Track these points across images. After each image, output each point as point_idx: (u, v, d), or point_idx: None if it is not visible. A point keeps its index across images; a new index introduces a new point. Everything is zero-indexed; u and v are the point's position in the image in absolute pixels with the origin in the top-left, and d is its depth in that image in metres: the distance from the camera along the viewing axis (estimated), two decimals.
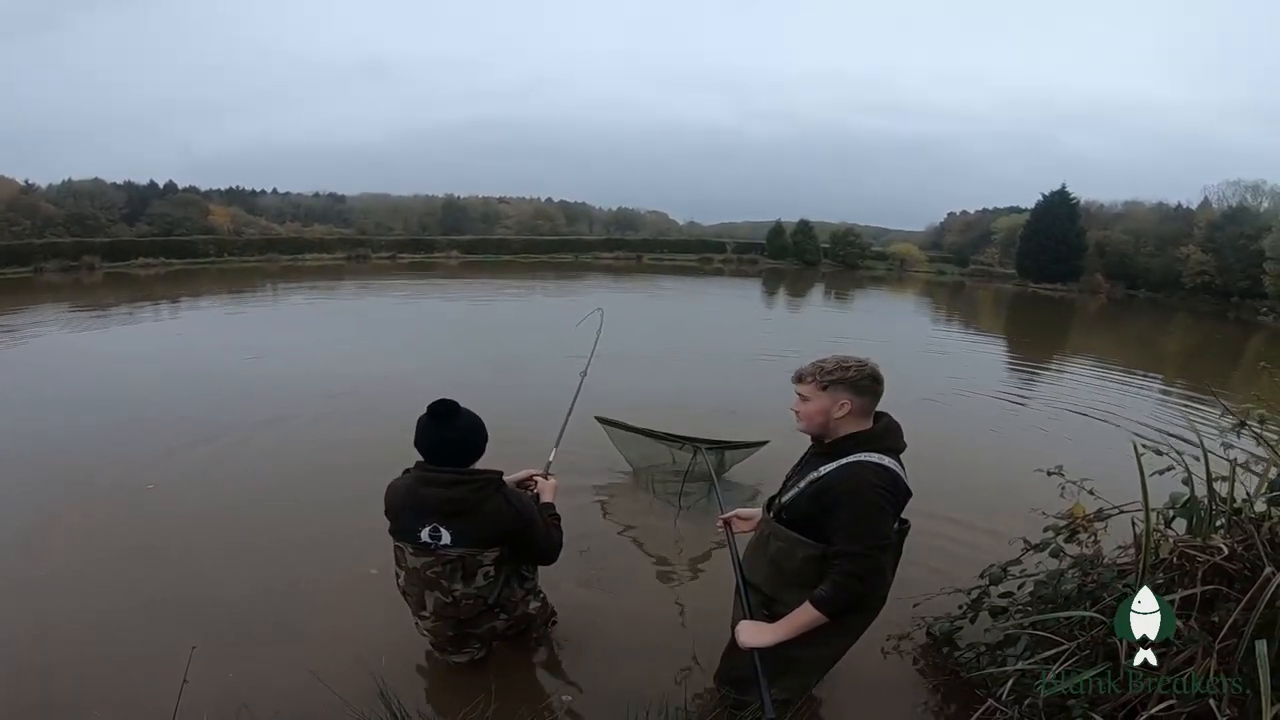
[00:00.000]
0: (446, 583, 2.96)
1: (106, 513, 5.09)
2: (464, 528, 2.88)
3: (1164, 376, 13.61)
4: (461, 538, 2.89)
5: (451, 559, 2.92)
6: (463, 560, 2.93)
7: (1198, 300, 37.99)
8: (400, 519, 2.96)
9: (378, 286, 25.41)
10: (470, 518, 2.88)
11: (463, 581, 2.96)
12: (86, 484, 5.58)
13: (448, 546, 2.89)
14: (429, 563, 2.93)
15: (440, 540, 2.88)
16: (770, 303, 27.62)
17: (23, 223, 35.28)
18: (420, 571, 2.96)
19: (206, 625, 3.65)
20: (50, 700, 3.15)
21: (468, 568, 2.95)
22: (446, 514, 2.86)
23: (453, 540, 2.88)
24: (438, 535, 2.88)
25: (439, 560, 2.92)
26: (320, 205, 57.12)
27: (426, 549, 2.91)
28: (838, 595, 2.44)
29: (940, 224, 62.28)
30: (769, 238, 50.03)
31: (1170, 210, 44.77)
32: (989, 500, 5.59)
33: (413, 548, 2.95)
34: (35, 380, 9.30)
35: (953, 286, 42.13)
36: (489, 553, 2.96)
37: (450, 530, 2.87)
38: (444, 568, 2.93)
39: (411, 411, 2.95)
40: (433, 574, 2.95)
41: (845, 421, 2.59)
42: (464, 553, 2.92)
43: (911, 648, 3.65)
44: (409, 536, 2.94)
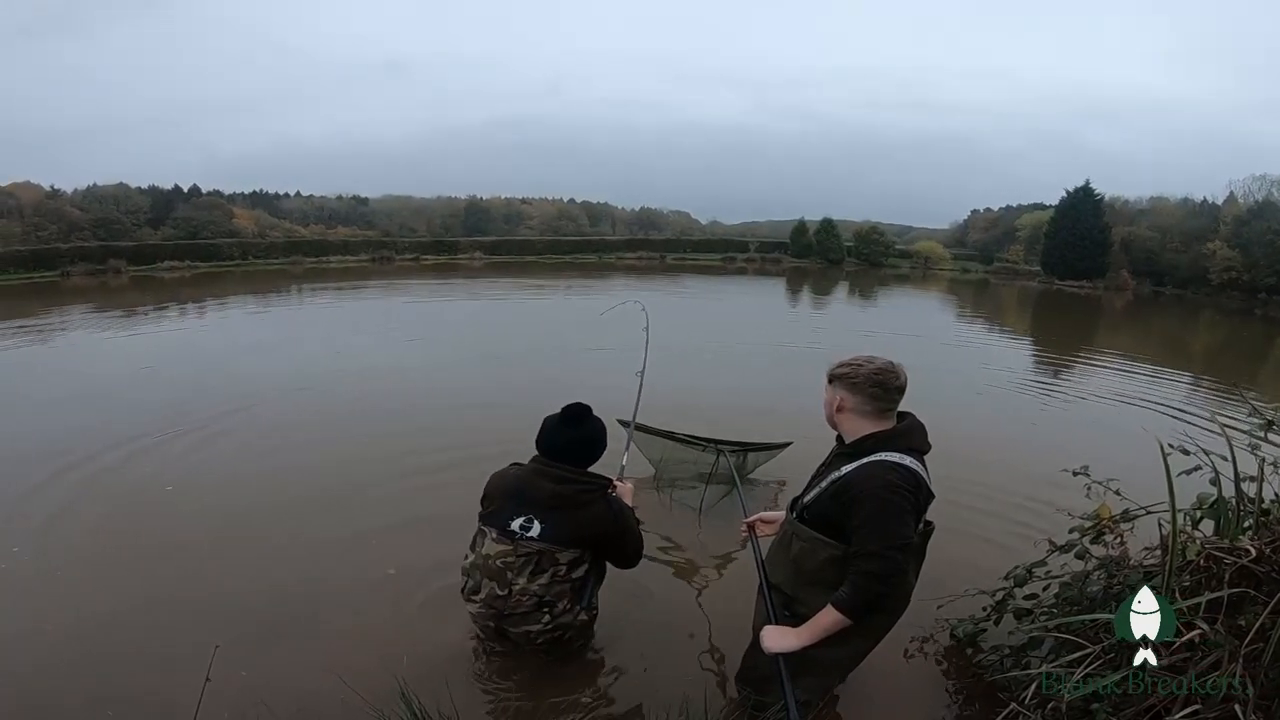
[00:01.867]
0: (512, 575, 3.02)
1: (125, 511, 5.15)
2: (559, 523, 3.00)
3: (1191, 374, 13.44)
4: (551, 532, 3.00)
5: (530, 552, 3.01)
6: (539, 555, 3.01)
7: (1225, 297, 37.46)
8: (498, 504, 3.09)
9: (419, 289, 25.55)
10: (569, 514, 3.01)
11: (529, 577, 3.03)
12: (106, 482, 5.65)
13: (533, 539, 2.99)
14: (504, 551, 3.02)
15: (529, 531, 2.99)
16: (794, 301, 27.51)
17: (49, 227, 35.71)
18: (491, 559, 3.05)
19: (226, 624, 3.67)
20: (70, 697, 3.18)
21: (541, 564, 3.03)
22: (549, 507, 3.00)
23: (541, 533, 2.99)
24: (529, 526, 2.99)
25: (517, 550, 3.01)
26: (344, 207, 57.47)
27: (510, 537, 3.01)
28: (858, 596, 2.44)
29: (964, 221, 61.85)
30: (792, 236, 49.75)
31: (1196, 206, 44.34)
32: (1014, 500, 5.56)
33: (497, 533, 3.05)
34: (55, 379, 9.40)
35: (977, 284, 41.83)
36: (568, 552, 3.05)
37: (544, 523, 2.99)
38: (518, 559, 3.01)
39: (429, 410, 2.96)
40: (502, 564, 3.02)
41: (849, 419, 2.64)
42: (545, 547, 3.00)
43: (935, 649, 3.65)
44: (499, 522, 3.05)
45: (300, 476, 5.94)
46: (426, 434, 6.75)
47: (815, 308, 25.60)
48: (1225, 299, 37.01)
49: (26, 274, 29.14)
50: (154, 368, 10.26)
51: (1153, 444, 2.89)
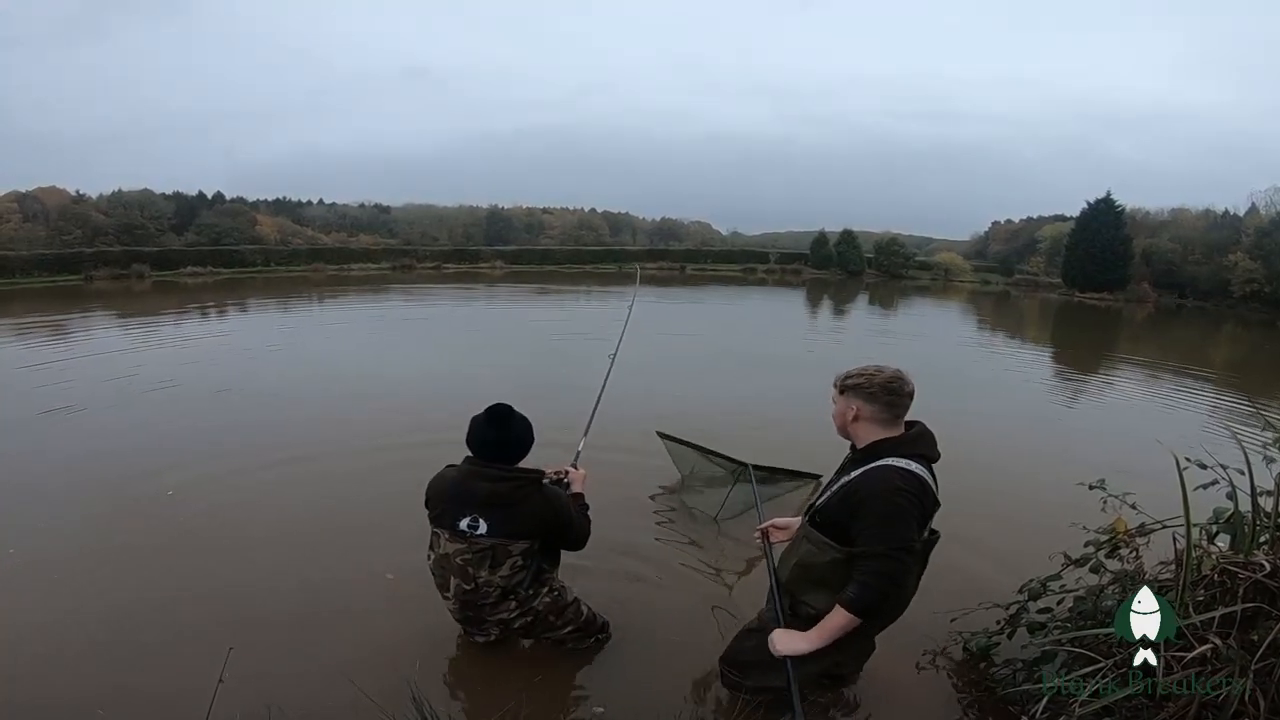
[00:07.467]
0: (473, 570, 3.17)
1: (138, 515, 5.18)
2: (502, 519, 3.11)
3: (1211, 387, 13.29)
4: (497, 528, 3.12)
5: (484, 547, 3.14)
6: (494, 549, 3.15)
7: (1247, 309, 37.01)
8: (441, 507, 3.20)
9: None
10: (510, 511, 3.12)
11: (489, 569, 3.17)
12: (118, 486, 5.70)
13: (483, 535, 3.12)
14: (460, 549, 3.16)
15: (477, 529, 3.12)
16: (815, 312, 27.44)
17: (74, 231, 36.23)
18: (450, 558, 3.18)
19: (238, 625, 3.70)
20: (81, 696, 3.20)
21: (497, 557, 3.16)
22: (489, 505, 3.10)
23: (488, 530, 3.11)
24: (476, 525, 3.12)
25: (471, 548, 3.14)
26: (366, 216, 58.02)
27: (462, 536, 3.14)
28: (864, 595, 2.49)
29: (985, 233, 61.63)
30: (812, 247, 49.57)
31: (1217, 217, 43.99)
32: (1029, 512, 5.52)
33: (449, 534, 3.17)
34: (78, 382, 9.45)
35: (998, 296, 41.59)
36: (519, 544, 3.17)
37: (488, 521, 3.11)
38: (474, 555, 3.15)
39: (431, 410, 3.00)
40: (461, 561, 3.16)
41: (863, 427, 2.70)
42: (496, 542, 3.14)
43: (947, 663, 3.63)
44: (447, 524, 3.17)
45: (311, 480, 5.96)
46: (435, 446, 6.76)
47: (835, 318, 25.54)
48: (1247, 311, 36.57)
49: (50, 277, 29.46)
50: (166, 373, 10.32)
51: (1169, 457, 2.88)
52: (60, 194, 43.20)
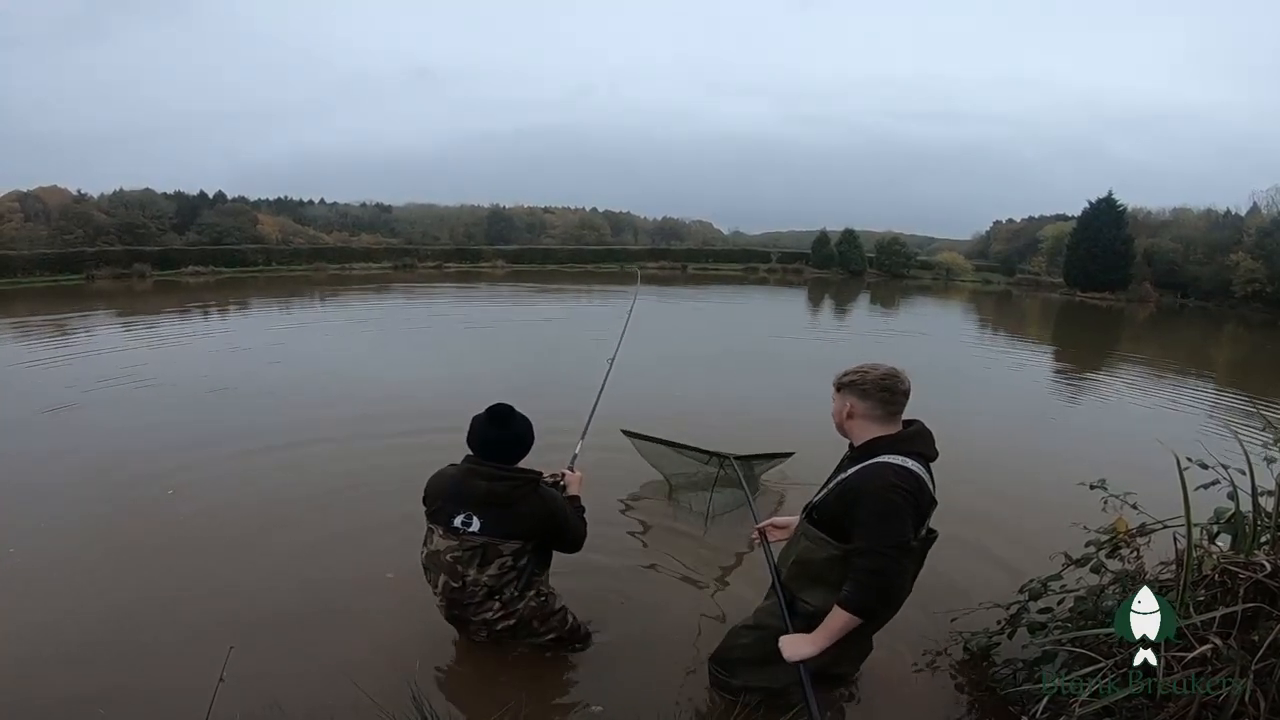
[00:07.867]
0: (462, 568, 3.19)
1: (138, 515, 5.19)
2: (496, 518, 3.14)
3: (1212, 387, 13.29)
4: (490, 527, 3.14)
5: (474, 545, 3.16)
6: (484, 548, 3.17)
7: (1248, 309, 36.84)
8: (438, 503, 3.22)
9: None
10: (505, 510, 3.14)
11: (478, 568, 3.19)
12: (118, 486, 5.71)
13: (474, 533, 3.15)
14: (452, 547, 3.18)
15: (470, 527, 3.14)
16: (817, 311, 27.42)
17: (75, 231, 36.17)
18: (441, 554, 3.21)
19: (238, 624, 3.70)
20: (81, 695, 3.20)
21: (487, 555, 3.18)
22: (485, 504, 3.13)
23: (481, 528, 3.14)
24: (469, 522, 3.14)
25: (462, 545, 3.17)
26: (367, 215, 57.98)
27: (454, 533, 3.17)
28: (860, 593, 2.51)
29: (986, 232, 61.45)
30: (814, 247, 49.47)
31: (1219, 217, 43.88)
32: (1030, 512, 5.52)
33: (443, 530, 3.20)
34: (79, 382, 9.45)
35: (999, 296, 41.50)
36: (510, 544, 3.19)
37: (482, 519, 3.14)
38: (465, 553, 3.17)
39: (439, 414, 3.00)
40: (451, 558, 3.19)
41: (859, 424, 2.73)
42: (487, 541, 3.16)
43: (947, 662, 3.62)
44: (442, 520, 3.20)
45: (311, 479, 5.95)
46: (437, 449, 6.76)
47: (837, 317, 25.52)
48: (1249, 311, 36.43)
49: (52, 277, 29.45)
50: (166, 372, 10.32)
51: (1170, 457, 2.87)
52: (61, 193, 43.22)
